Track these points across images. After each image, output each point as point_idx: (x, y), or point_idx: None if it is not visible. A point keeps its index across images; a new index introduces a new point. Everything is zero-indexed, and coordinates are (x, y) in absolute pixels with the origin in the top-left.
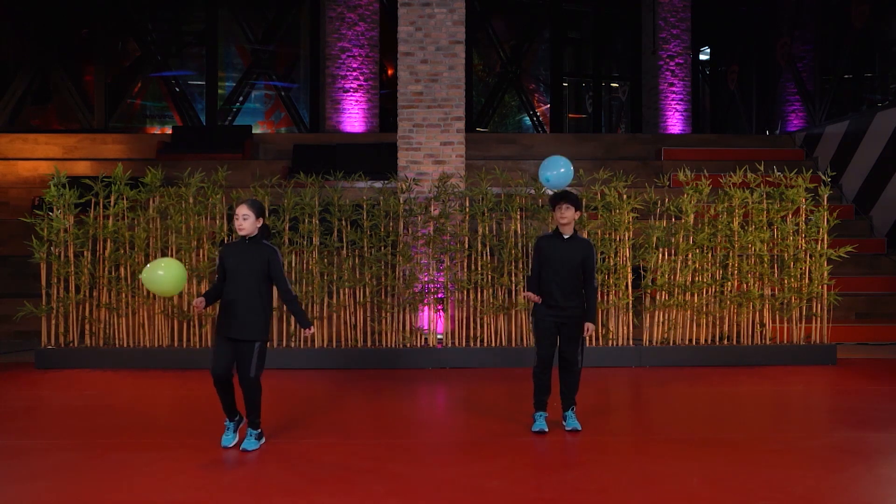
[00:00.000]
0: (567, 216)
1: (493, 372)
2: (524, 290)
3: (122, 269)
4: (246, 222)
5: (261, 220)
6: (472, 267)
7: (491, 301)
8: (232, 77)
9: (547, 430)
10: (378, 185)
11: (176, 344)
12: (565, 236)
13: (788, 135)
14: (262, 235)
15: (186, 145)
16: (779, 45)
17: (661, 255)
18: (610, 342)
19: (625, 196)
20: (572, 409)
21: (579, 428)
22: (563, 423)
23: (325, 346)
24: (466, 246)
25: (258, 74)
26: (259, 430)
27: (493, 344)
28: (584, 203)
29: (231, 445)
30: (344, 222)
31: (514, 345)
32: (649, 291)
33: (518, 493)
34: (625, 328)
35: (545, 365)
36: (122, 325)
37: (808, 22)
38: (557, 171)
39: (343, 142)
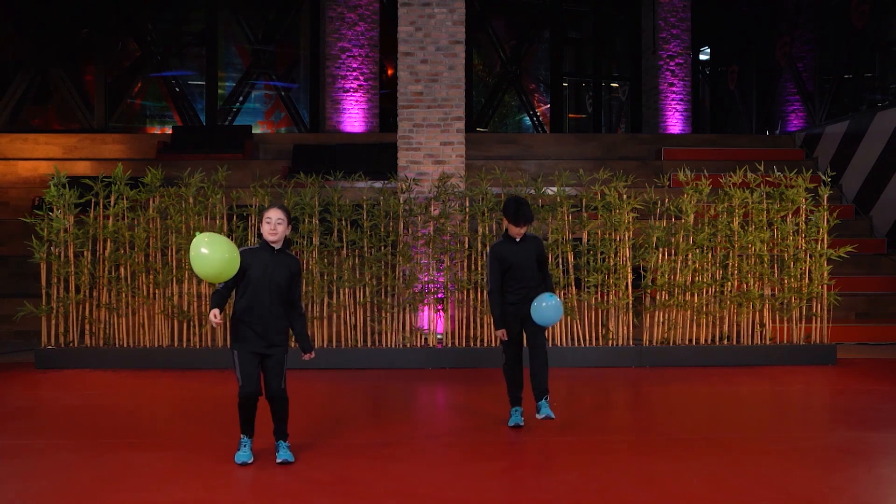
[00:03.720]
0: (522, 232)
1: (494, 372)
2: (496, 328)
3: (122, 269)
4: (280, 227)
5: (289, 228)
6: (472, 267)
7: None
8: (232, 77)
9: (523, 424)
10: (378, 185)
11: (176, 344)
12: (517, 240)
13: (788, 135)
14: (286, 244)
15: (186, 145)
16: (779, 45)
17: (661, 255)
18: (610, 342)
19: (625, 196)
20: (546, 398)
21: (553, 416)
22: (537, 413)
23: (325, 346)
24: (466, 246)
25: (258, 74)
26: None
27: (494, 344)
28: (583, 203)
29: (249, 462)
30: (344, 222)
31: None
32: (649, 291)
33: (518, 494)
34: (625, 328)
35: (514, 361)
36: (122, 325)
37: (808, 22)
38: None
39: (343, 142)
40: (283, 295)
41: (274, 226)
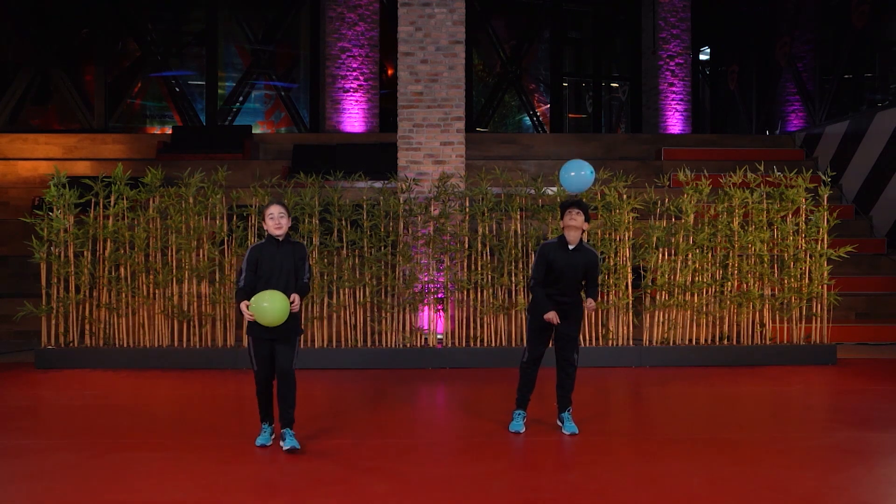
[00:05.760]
0: (577, 221)
1: (493, 372)
2: (545, 314)
3: (122, 269)
4: (283, 220)
5: (290, 219)
6: (472, 267)
7: (491, 301)
8: (232, 77)
9: (523, 430)
10: (378, 185)
11: (176, 344)
12: (571, 247)
13: (788, 135)
14: (288, 234)
15: (186, 145)
16: (779, 45)
17: (661, 255)
18: (610, 342)
19: (625, 196)
20: (569, 410)
21: (577, 431)
22: (560, 424)
23: (325, 346)
24: (466, 246)
25: (258, 74)
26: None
27: (493, 344)
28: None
29: (268, 444)
30: (344, 222)
31: (514, 345)
32: (649, 291)
33: (518, 494)
34: (625, 328)
35: (535, 361)
36: (122, 325)
37: (808, 22)
38: (580, 171)
39: (343, 142)
40: (293, 278)
41: (277, 220)
